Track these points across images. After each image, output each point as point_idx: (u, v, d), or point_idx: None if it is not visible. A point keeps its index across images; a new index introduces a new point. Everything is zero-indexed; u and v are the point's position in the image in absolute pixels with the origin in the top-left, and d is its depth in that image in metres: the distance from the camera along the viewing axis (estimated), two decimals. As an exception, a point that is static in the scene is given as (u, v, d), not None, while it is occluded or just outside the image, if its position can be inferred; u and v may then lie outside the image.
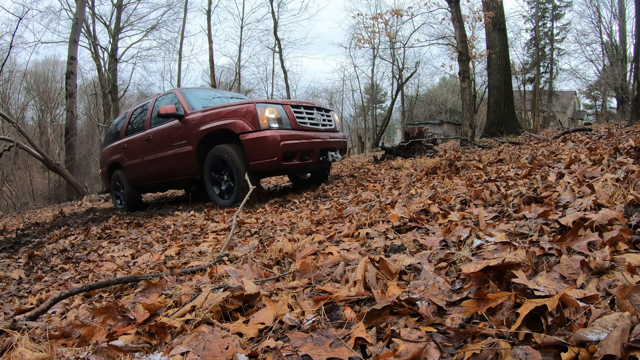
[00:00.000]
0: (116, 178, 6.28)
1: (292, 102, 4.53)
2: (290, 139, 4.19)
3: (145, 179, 5.64)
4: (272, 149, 4.06)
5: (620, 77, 19.05)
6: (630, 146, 2.68)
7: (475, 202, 2.11)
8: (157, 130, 5.22)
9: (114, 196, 6.57)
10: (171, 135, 4.94)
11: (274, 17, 19.53)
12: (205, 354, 0.94)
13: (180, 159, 4.83)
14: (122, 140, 6.01)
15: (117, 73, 16.37)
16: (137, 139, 5.61)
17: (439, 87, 33.42)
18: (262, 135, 4.08)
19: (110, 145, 6.40)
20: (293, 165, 4.31)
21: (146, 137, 5.40)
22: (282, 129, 4.21)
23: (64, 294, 1.50)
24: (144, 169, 5.50)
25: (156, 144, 5.20)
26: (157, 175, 5.39)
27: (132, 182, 5.88)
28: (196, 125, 4.59)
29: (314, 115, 4.66)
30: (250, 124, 4.13)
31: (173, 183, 5.58)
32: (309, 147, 4.36)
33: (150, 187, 6.01)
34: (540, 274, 1.06)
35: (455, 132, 19.06)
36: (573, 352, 0.73)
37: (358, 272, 1.22)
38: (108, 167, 6.41)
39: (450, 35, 11.10)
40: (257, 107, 4.15)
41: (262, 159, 4.11)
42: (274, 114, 4.20)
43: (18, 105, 21.73)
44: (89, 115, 22.01)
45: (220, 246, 2.40)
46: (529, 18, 23.74)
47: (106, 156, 6.51)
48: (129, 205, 6.09)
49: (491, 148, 6.40)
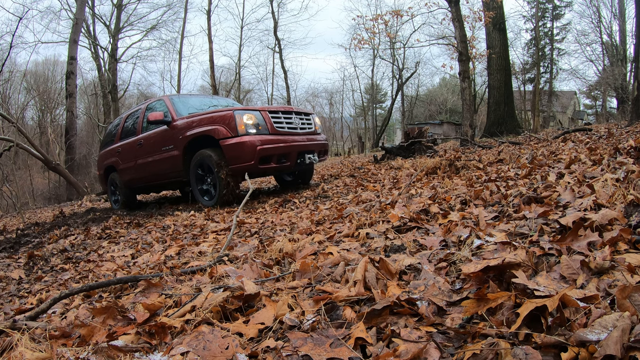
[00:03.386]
0: (112, 181, 6.54)
1: (270, 108, 4.71)
2: (267, 143, 4.39)
3: (138, 181, 5.88)
4: (250, 153, 4.28)
5: (620, 77, 19.03)
6: (630, 146, 2.68)
7: (475, 202, 2.11)
8: (148, 135, 5.45)
9: (110, 198, 6.83)
10: (160, 140, 5.18)
11: (274, 17, 19.54)
12: (205, 354, 0.94)
13: (169, 163, 5.06)
14: (117, 145, 6.25)
15: (117, 73, 16.38)
16: (130, 143, 5.85)
17: (439, 87, 33.41)
18: (241, 141, 4.30)
19: (106, 149, 6.66)
20: (271, 168, 4.53)
21: (138, 141, 5.63)
22: (259, 134, 4.41)
23: (64, 294, 1.50)
24: (136, 172, 5.73)
25: (147, 149, 5.44)
26: (148, 178, 5.62)
27: (127, 184, 6.11)
28: (182, 131, 4.82)
29: (292, 119, 4.84)
30: (229, 130, 4.36)
31: (164, 185, 5.80)
32: (285, 151, 4.55)
33: (144, 189, 6.21)
34: (540, 274, 1.05)
35: (455, 132, 19.06)
36: (573, 352, 0.73)
37: (358, 272, 1.22)
38: (104, 170, 6.65)
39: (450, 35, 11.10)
40: (236, 114, 4.38)
41: (241, 163, 4.33)
42: (251, 120, 4.41)
43: (18, 105, 21.72)
44: (89, 115, 21.99)
45: (220, 246, 2.40)
46: (529, 18, 23.73)
47: (102, 160, 6.76)
48: (125, 205, 6.32)
49: (491, 148, 6.40)
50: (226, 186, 4.43)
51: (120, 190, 6.29)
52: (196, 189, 4.82)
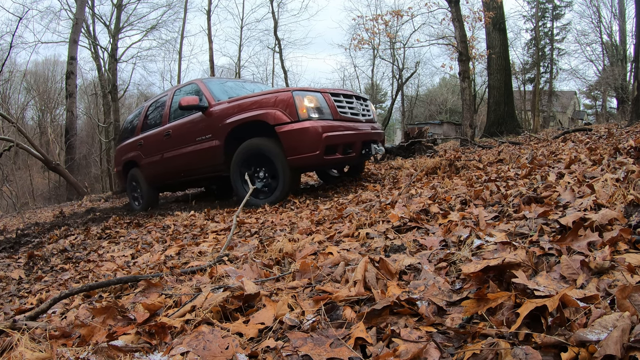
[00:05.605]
0: (132, 177, 5.86)
1: (332, 90, 4.12)
2: (332, 130, 3.77)
3: (165, 178, 5.26)
4: (314, 141, 3.64)
5: (620, 77, 19.03)
6: (630, 146, 2.68)
7: (475, 202, 2.11)
8: (178, 124, 4.85)
9: (131, 197, 6.11)
10: (194, 129, 4.56)
11: (274, 17, 19.52)
12: (205, 354, 0.94)
13: (205, 155, 4.44)
14: (138, 137, 5.60)
15: (117, 73, 16.36)
16: (155, 134, 5.24)
17: (439, 87, 33.39)
18: (303, 127, 3.66)
19: (125, 143, 5.99)
20: (336, 160, 3.87)
21: (165, 132, 5.03)
22: (323, 120, 3.79)
23: (64, 294, 1.50)
24: (163, 167, 5.12)
25: (176, 140, 4.82)
26: (178, 173, 4.98)
27: (151, 181, 5.50)
28: (223, 118, 4.21)
29: (354, 104, 4.26)
30: (288, 114, 3.72)
31: (195, 181, 5.19)
32: (351, 140, 3.95)
33: (169, 186, 5.65)
34: (540, 274, 1.05)
35: (455, 132, 19.04)
36: (573, 352, 0.73)
37: (358, 272, 1.22)
38: (123, 166, 6.02)
39: (450, 35, 11.09)
40: (295, 95, 3.75)
41: (303, 153, 3.69)
42: (313, 102, 3.80)
43: (18, 105, 21.72)
44: (89, 115, 21.97)
45: (220, 246, 2.40)
46: (529, 18, 23.72)
47: (121, 154, 6.09)
48: (148, 205, 5.65)
49: (491, 148, 6.40)
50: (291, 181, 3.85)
51: (143, 188, 5.63)
52: (240, 185, 4.20)
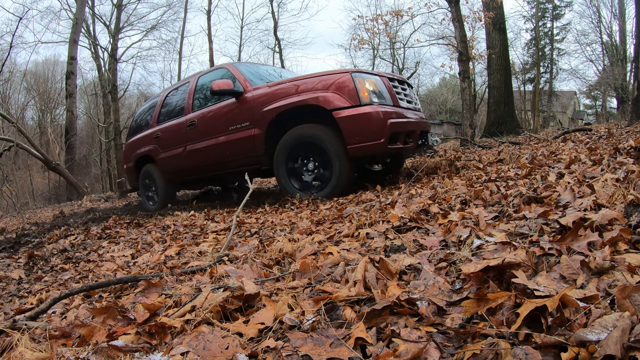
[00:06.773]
0: (146, 174, 5.37)
1: (388, 75, 3.76)
2: (396, 116, 3.47)
3: (188, 173, 4.80)
4: (379, 128, 3.33)
5: (620, 77, 19.03)
6: (630, 146, 2.68)
7: (475, 202, 2.11)
8: (205, 112, 4.40)
9: (144, 197, 5.59)
10: (227, 117, 4.16)
11: (274, 17, 19.51)
12: (205, 354, 0.94)
13: (241, 146, 4.04)
14: (154, 129, 5.12)
15: (117, 73, 16.33)
16: (176, 125, 4.78)
17: (439, 87, 33.38)
18: (366, 112, 3.34)
19: (138, 136, 5.48)
20: (397, 149, 3.55)
21: (189, 122, 4.58)
22: (384, 105, 3.49)
23: (64, 294, 1.50)
24: (186, 161, 4.65)
25: (204, 130, 4.38)
26: (204, 167, 4.55)
27: (170, 177, 5.03)
28: (263, 104, 3.83)
29: (408, 91, 3.96)
30: (347, 98, 3.40)
31: (228, 175, 4.72)
32: (412, 128, 3.67)
33: (189, 183, 5.21)
34: (540, 274, 1.06)
35: (455, 132, 19.03)
36: (573, 352, 0.73)
37: (358, 272, 1.22)
38: (135, 162, 5.51)
39: (450, 35, 11.10)
40: (355, 77, 3.42)
41: (365, 142, 3.37)
42: (373, 86, 3.49)
43: (18, 105, 21.70)
44: (89, 115, 21.98)
45: (220, 246, 2.40)
46: (529, 18, 23.72)
47: (132, 149, 5.57)
48: (164, 204, 5.20)
49: (491, 148, 6.40)
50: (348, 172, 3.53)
51: (159, 186, 5.14)
52: (287, 179, 3.83)
